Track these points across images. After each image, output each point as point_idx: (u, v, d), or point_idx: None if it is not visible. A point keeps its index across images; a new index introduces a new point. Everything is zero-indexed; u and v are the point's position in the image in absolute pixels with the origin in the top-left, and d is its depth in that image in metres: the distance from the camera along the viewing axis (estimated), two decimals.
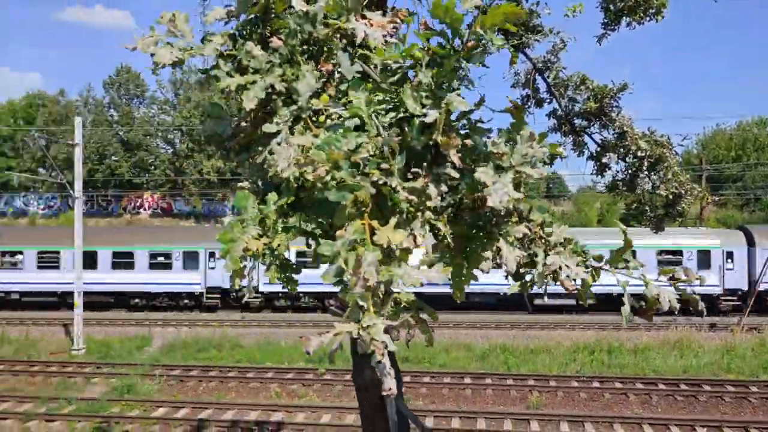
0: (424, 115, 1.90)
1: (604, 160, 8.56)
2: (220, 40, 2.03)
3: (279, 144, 1.87)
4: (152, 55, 2.03)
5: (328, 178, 1.75)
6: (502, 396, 17.01)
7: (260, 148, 2.03)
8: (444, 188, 1.91)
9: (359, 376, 4.42)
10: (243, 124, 2.15)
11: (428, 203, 1.86)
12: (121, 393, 17.13)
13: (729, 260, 28.53)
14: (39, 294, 31.21)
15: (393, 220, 1.75)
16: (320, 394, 17.38)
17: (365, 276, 1.60)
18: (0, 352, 22.17)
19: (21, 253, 31.42)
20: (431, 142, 1.91)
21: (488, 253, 2.11)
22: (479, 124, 2.15)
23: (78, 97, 53.04)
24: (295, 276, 2.06)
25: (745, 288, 28.04)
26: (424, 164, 1.94)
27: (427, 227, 1.86)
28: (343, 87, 2.05)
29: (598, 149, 8.61)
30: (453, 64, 1.95)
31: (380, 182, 1.78)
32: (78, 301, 22.74)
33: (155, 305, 30.96)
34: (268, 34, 2.06)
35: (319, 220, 1.95)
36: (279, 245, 1.79)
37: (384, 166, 1.80)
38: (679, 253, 28.48)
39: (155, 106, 53.25)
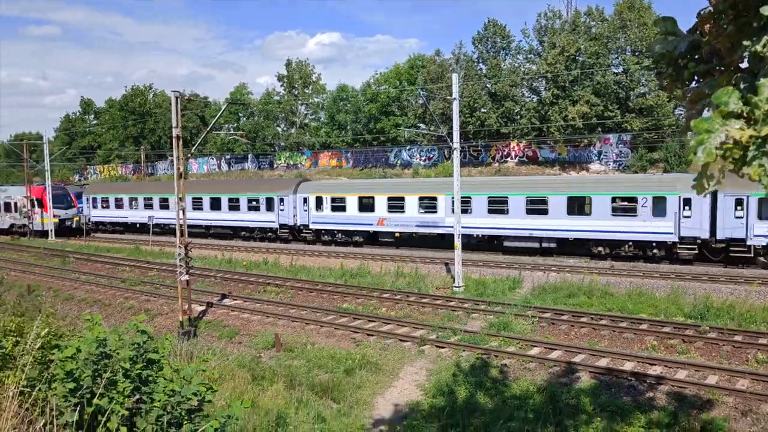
0: None
1: None
2: None
3: None
4: None
5: None
6: None
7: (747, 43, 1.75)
8: None
9: None
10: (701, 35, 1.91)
11: None
12: (498, 329, 18.36)
13: None
14: (193, 226, 40.63)
15: None
16: (704, 352, 15.93)
17: None
18: (397, 284, 25.82)
19: (202, 199, 44.46)
20: None
21: None
22: None
23: (451, 55, 57.25)
24: None
25: None
26: None
27: None
28: None
29: None
30: None
31: None
32: (457, 243, 24.92)
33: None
34: None
35: None
36: None
37: None
38: None
39: (521, 56, 54.32)
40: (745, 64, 1.89)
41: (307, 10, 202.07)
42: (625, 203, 28.30)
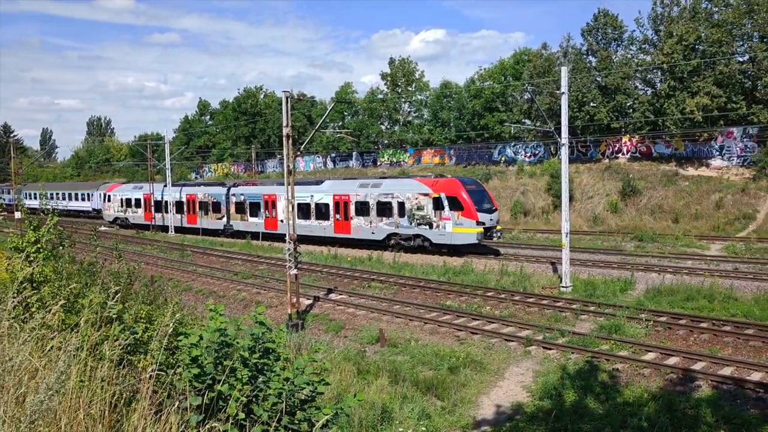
0: None
1: None
2: None
3: None
4: None
5: None
6: None
7: None
8: None
9: None
10: None
11: None
12: (608, 332, 17.62)
13: None
14: None
15: None
16: None
17: None
18: (502, 282, 25.37)
19: None
20: None
21: None
22: None
23: (558, 49, 55.46)
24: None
25: None
26: None
27: None
28: None
29: None
30: None
31: None
32: (565, 241, 24.15)
33: None
34: None
35: None
36: None
37: None
38: None
39: (634, 46, 51.72)
40: None
41: (411, 8, 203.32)
42: None
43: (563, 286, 23.73)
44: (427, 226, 32.45)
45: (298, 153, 51.34)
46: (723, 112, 43.80)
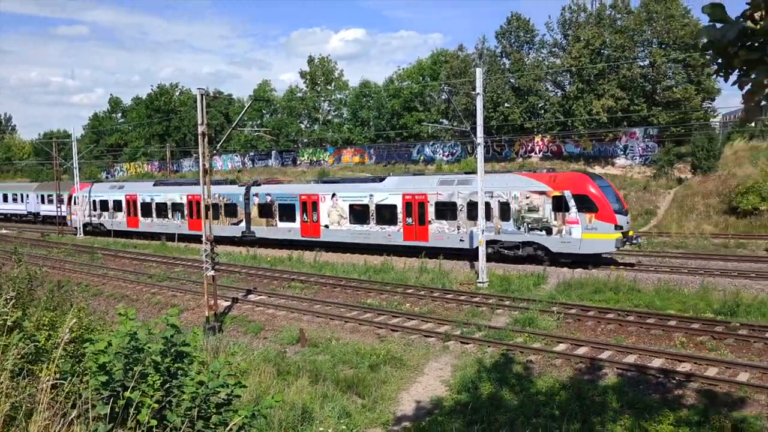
0: None
1: None
2: None
3: None
4: None
5: None
6: None
7: None
8: None
9: None
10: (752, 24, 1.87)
11: None
12: (523, 325, 18.24)
13: None
14: None
15: None
16: (734, 349, 15.63)
17: None
18: (421, 279, 25.74)
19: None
20: None
21: None
22: None
23: (474, 50, 56.88)
24: None
25: None
26: None
27: None
28: None
29: None
30: None
31: None
32: (482, 238, 24.78)
33: None
34: None
35: None
36: None
37: None
38: None
39: (544, 50, 53.77)
40: None
41: (331, 7, 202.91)
42: None
43: (480, 282, 24.34)
44: (544, 232, 26.59)
45: (215, 152, 49.57)
46: (626, 113, 46.28)
